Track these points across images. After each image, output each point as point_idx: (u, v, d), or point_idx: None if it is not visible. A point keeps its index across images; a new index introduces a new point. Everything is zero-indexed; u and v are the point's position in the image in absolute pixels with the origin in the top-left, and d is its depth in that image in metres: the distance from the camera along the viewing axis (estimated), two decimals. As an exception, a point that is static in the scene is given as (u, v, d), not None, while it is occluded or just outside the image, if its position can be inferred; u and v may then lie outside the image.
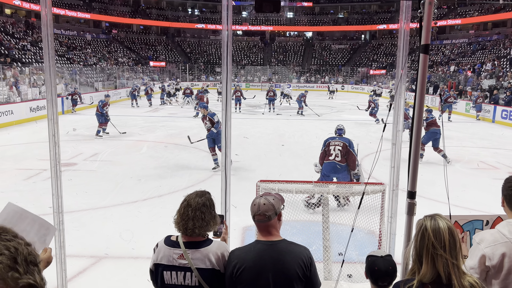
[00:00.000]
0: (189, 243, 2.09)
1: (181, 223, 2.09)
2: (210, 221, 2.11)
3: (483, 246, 2.00)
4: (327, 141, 6.56)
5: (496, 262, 1.95)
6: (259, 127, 15.47)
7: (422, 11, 2.21)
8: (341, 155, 6.38)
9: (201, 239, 2.12)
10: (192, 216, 2.07)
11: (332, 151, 6.41)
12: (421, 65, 2.25)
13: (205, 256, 2.07)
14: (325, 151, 6.51)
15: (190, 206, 2.09)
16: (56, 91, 3.04)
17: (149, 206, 6.47)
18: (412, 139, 2.39)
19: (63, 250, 3.13)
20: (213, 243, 2.13)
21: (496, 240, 1.99)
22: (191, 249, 2.07)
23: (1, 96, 16.78)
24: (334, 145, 6.45)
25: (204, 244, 2.10)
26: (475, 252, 2.02)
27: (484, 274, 2.00)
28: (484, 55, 32.97)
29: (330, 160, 6.45)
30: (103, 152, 10.55)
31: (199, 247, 2.08)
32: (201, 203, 2.10)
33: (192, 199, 2.12)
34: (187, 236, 2.11)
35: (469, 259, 2.06)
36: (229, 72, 2.98)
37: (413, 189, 2.45)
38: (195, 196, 2.13)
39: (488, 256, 1.97)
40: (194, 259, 2.06)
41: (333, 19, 52.32)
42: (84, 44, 39.89)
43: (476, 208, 6.25)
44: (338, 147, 6.41)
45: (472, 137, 14.12)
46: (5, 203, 1.64)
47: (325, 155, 6.51)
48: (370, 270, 2.13)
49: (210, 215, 2.13)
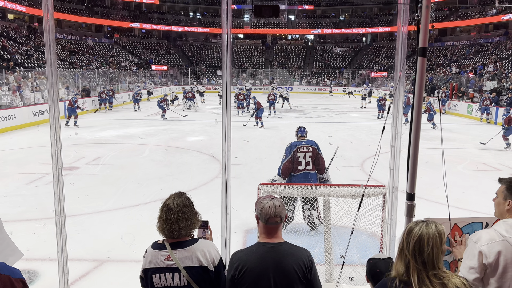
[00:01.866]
0: (175, 244, 2.11)
1: (165, 228, 2.10)
2: (193, 219, 2.14)
3: (480, 244, 2.03)
4: (294, 147, 5.50)
5: (492, 260, 1.98)
6: (260, 130, 15.49)
7: (419, 14, 2.23)
8: (312, 162, 5.48)
9: (187, 238, 2.14)
10: (175, 219, 2.08)
11: (302, 159, 5.45)
12: (419, 68, 2.27)
13: (192, 254, 2.08)
14: (292, 160, 5.46)
15: (172, 210, 2.10)
16: (58, 96, 3.06)
17: (151, 210, 6.47)
18: (410, 141, 2.40)
19: (65, 253, 3.14)
20: (199, 241, 2.16)
21: (493, 238, 2.02)
22: (178, 249, 2.09)
23: (4, 101, 16.86)
24: (303, 151, 5.47)
25: (190, 243, 2.12)
26: (473, 251, 2.04)
27: (483, 272, 2.01)
28: (486, 56, 32.95)
29: (300, 170, 5.46)
30: (105, 156, 10.58)
31: (185, 246, 2.10)
32: (181, 204, 2.13)
33: (172, 202, 2.13)
34: (173, 238, 2.13)
35: (467, 260, 2.07)
36: (229, 75, 3.01)
37: (412, 191, 2.46)
38: (174, 199, 2.15)
39: (485, 254, 1.99)
40: (181, 258, 2.07)
41: (334, 22, 52.38)
42: (86, 49, 40.07)
43: (476, 209, 6.23)
44: (308, 154, 5.46)
45: (474, 139, 14.10)
46: (8, 207, 1.67)
47: (293, 164, 5.47)
48: (371, 273, 2.14)
49: (192, 213, 2.15)
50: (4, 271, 1.78)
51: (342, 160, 9.96)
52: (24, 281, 1.90)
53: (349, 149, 11.54)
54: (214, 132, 14.68)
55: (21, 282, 1.87)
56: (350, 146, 12.19)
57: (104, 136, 14.06)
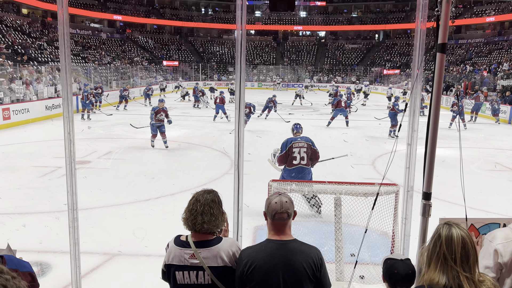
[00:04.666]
0: (199, 242, 2.10)
1: (189, 219, 2.11)
2: (218, 216, 2.13)
3: (495, 243, 2.00)
4: (289, 143, 5.81)
5: (508, 259, 1.94)
6: (271, 127, 15.45)
7: (440, 9, 2.18)
8: (306, 157, 5.76)
9: (210, 237, 2.12)
10: (201, 211, 2.08)
11: (297, 154, 5.74)
12: (437, 65, 2.22)
13: (217, 254, 2.07)
14: (286, 155, 5.78)
15: (199, 201, 2.12)
16: (72, 90, 3.07)
17: (162, 205, 6.51)
18: (427, 140, 2.36)
19: (77, 247, 3.16)
20: (224, 240, 2.14)
21: (508, 237, 1.99)
22: (202, 248, 2.08)
23: (18, 94, 17.08)
24: (298, 147, 5.76)
25: (214, 242, 2.11)
26: (488, 250, 2.01)
27: (499, 272, 1.98)
28: (501, 55, 32.38)
29: (295, 165, 5.77)
30: (117, 150, 10.66)
31: (209, 246, 2.09)
32: (210, 199, 2.13)
33: (201, 195, 2.15)
34: (197, 234, 2.12)
35: (483, 259, 2.04)
36: (243, 71, 2.98)
37: (429, 190, 2.42)
38: (204, 193, 2.17)
39: (500, 253, 1.96)
40: (205, 258, 2.06)
41: (347, 18, 51.96)
42: (98, 44, 40.37)
43: (492, 210, 6.14)
44: (303, 149, 5.76)
45: (488, 138, 13.88)
46: (21, 199, 1.70)
47: (287, 159, 5.79)
48: (388, 273, 2.09)
49: (219, 210, 2.15)
50: (11, 265, 1.79)
51: (354, 158, 9.90)
52: (32, 274, 1.91)
53: (360, 147, 11.44)
54: (224, 128, 14.69)
55: (29, 275, 1.88)
56: (362, 144, 12.09)
57: (116, 130, 14.16)
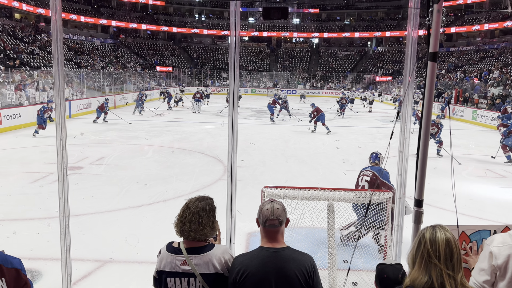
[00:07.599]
0: (191, 249, 2.09)
1: (178, 225, 2.12)
2: (206, 226, 2.11)
3: (492, 246, 2.04)
4: (361, 171, 5.72)
5: (502, 262, 1.97)
6: (264, 133, 15.48)
7: (431, 18, 2.21)
8: (368, 187, 5.44)
9: (202, 244, 2.12)
10: (189, 218, 2.08)
11: (360, 183, 5.58)
12: (429, 73, 2.25)
13: (208, 261, 2.07)
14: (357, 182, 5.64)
15: (189, 209, 2.11)
16: (65, 96, 3.06)
17: (154, 211, 6.47)
18: (419, 147, 2.38)
19: (68, 254, 3.13)
20: (216, 247, 2.13)
21: (505, 241, 2.02)
22: (194, 254, 2.08)
23: (9, 99, 16.94)
24: (363, 175, 5.60)
25: (207, 249, 2.10)
26: (485, 253, 2.06)
27: (493, 275, 1.99)
28: (491, 62, 32.83)
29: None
30: (109, 156, 10.59)
31: (201, 252, 2.09)
32: (200, 207, 2.12)
33: (192, 202, 2.14)
34: (188, 241, 2.11)
35: (479, 262, 2.08)
36: (236, 77, 3.00)
37: (420, 197, 2.44)
38: (195, 200, 2.16)
39: (495, 255, 1.99)
40: (197, 265, 2.06)
41: (340, 25, 52.41)
42: (91, 49, 40.24)
43: (483, 216, 6.19)
44: (366, 178, 5.53)
45: (478, 145, 14.02)
46: (11, 206, 1.68)
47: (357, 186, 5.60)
48: (379, 278, 2.13)
49: (208, 219, 2.13)
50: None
51: (347, 164, 9.94)
52: (19, 270, 1.88)
53: (353, 154, 11.50)
54: (218, 134, 14.68)
55: (15, 272, 1.86)
56: (355, 150, 12.15)
57: (108, 136, 14.09)
